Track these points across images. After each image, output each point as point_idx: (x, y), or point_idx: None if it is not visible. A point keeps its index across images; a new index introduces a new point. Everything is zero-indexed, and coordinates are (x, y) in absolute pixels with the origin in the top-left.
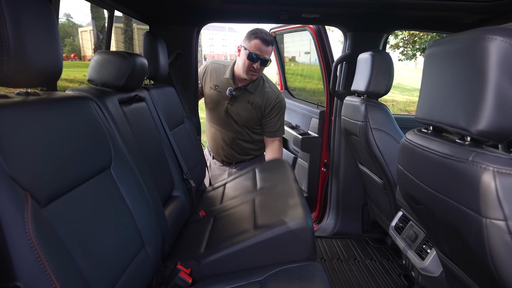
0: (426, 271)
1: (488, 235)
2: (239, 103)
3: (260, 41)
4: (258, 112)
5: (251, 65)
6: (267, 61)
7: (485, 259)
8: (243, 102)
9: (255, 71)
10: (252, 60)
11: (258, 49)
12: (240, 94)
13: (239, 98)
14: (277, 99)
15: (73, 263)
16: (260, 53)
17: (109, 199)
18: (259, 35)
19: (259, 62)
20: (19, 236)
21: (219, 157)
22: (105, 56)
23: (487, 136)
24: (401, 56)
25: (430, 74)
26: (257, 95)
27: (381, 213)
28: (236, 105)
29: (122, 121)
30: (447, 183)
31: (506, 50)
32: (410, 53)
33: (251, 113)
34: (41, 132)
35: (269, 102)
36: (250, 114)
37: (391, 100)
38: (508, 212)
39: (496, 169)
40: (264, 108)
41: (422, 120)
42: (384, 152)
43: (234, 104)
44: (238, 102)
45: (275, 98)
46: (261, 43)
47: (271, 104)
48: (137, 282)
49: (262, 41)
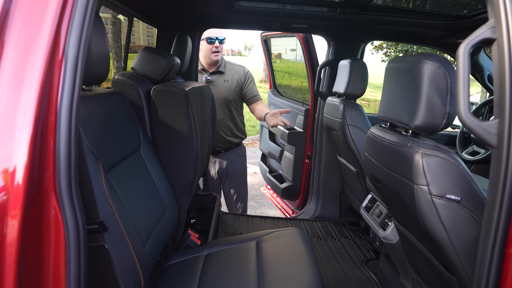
0: (387, 239)
1: (417, 196)
2: (217, 85)
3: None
4: (237, 86)
5: (212, 47)
6: (223, 38)
7: (416, 214)
8: (220, 83)
9: (217, 50)
10: (212, 42)
11: (211, 33)
12: (215, 78)
13: (216, 82)
14: (245, 70)
15: (126, 213)
16: (214, 35)
17: (140, 174)
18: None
19: (217, 41)
20: (99, 189)
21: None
22: (148, 54)
23: (421, 130)
24: (384, 57)
25: (387, 84)
26: (228, 73)
27: (355, 197)
28: (214, 89)
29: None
30: (394, 162)
31: (434, 71)
32: (393, 55)
33: (229, 89)
34: (99, 118)
35: (241, 74)
36: (229, 90)
37: (373, 100)
38: (430, 180)
39: (423, 152)
40: (240, 80)
41: (382, 118)
42: (358, 144)
43: (213, 88)
44: (215, 85)
45: (244, 70)
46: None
47: (244, 75)
48: (162, 237)
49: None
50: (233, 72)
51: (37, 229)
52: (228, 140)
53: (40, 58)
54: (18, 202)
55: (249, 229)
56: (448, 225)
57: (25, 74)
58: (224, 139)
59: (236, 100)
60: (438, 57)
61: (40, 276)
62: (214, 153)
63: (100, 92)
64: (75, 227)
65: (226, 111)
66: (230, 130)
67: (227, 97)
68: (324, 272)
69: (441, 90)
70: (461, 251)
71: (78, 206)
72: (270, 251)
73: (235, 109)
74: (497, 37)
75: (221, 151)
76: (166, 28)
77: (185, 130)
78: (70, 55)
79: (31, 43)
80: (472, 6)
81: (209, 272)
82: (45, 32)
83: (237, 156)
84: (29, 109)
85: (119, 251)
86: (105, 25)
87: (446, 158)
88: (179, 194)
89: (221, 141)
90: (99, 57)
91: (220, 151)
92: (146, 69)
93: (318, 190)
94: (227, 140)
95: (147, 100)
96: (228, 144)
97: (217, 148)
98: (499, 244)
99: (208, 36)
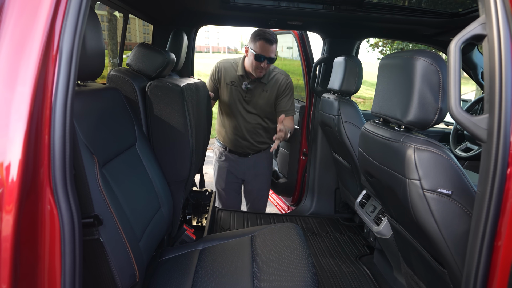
0: (381, 234)
1: (409, 190)
2: (255, 94)
3: (264, 41)
4: (273, 96)
5: (258, 65)
6: (273, 59)
7: (408, 208)
8: (259, 93)
9: (262, 69)
10: (259, 60)
11: (263, 49)
12: (255, 86)
13: (255, 90)
14: (286, 80)
15: (121, 207)
16: (266, 53)
17: (135, 169)
18: (262, 36)
19: (266, 61)
20: (94, 184)
21: (236, 149)
22: (144, 50)
23: (413, 125)
24: (380, 55)
25: (381, 80)
26: (269, 83)
27: (350, 193)
28: (252, 97)
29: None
30: (387, 157)
31: (426, 67)
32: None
33: (267, 100)
34: (94, 113)
35: (281, 84)
36: (267, 101)
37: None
38: (421, 174)
39: (415, 146)
40: (277, 90)
41: (375, 114)
42: (352, 140)
43: (251, 96)
44: (254, 93)
45: (285, 80)
46: (265, 43)
47: (282, 86)
48: (157, 232)
49: (266, 41)
50: (274, 81)
51: (32, 224)
52: (258, 147)
53: (35, 53)
54: (12, 197)
55: (244, 225)
56: (439, 219)
57: (19, 69)
58: (253, 145)
59: (273, 111)
60: (430, 53)
61: (35, 270)
62: (242, 155)
63: (95, 88)
64: (70, 220)
65: (259, 119)
66: (261, 137)
67: (264, 108)
68: (319, 267)
69: (433, 86)
70: (451, 244)
71: (73, 200)
72: (265, 246)
73: (270, 120)
74: (488, 33)
75: (249, 153)
76: (161, 24)
77: (180, 125)
78: (64, 50)
79: (25, 38)
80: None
81: (204, 267)
82: (39, 27)
83: (264, 159)
84: (24, 104)
85: (114, 245)
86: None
87: (437, 153)
88: (175, 189)
89: (250, 147)
90: (94, 53)
91: (248, 154)
92: (142, 65)
93: (313, 187)
94: (256, 147)
95: (142, 96)
96: (257, 149)
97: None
98: (488, 237)
99: (260, 52)
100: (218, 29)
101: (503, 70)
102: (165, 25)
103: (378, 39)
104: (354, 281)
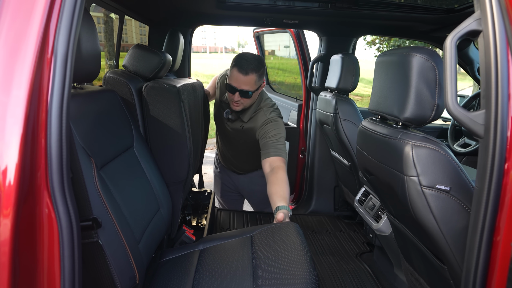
0: (380, 231)
1: (408, 187)
2: (235, 126)
3: (237, 70)
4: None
5: (231, 97)
6: (247, 92)
7: (407, 205)
8: (237, 126)
9: (237, 102)
10: (231, 92)
11: (235, 79)
12: (236, 118)
13: (235, 122)
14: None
15: (120, 209)
16: (237, 84)
17: (134, 171)
18: (237, 63)
19: (238, 94)
20: (92, 186)
21: (229, 166)
22: (140, 51)
23: (411, 122)
24: (377, 52)
25: (378, 77)
26: (249, 122)
27: (349, 191)
28: (233, 127)
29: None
30: (385, 154)
31: (423, 63)
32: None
33: (246, 136)
34: (91, 116)
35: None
36: (246, 136)
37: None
38: (420, 171)
39: (413, 143)
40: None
41: (373, 111)
42: (350, 138)
43: (232, 126)
44: (234, 125)
45: (265, 118)
46: (238, 73)
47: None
48: (157, 234)
49: (239, 69)
50: (253, 120)
51: (30, 227)
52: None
53: (29, 56)
54: (10, 201)
55: (244, 224)
56: (438, 215)
57: (14, 72)
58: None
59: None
60: (426, 49)
61: (34, 274)
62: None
63: (91, 90)
64: (68, 224)
65: (244, 148)
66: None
67: (247, 142)
68: (319, 265)
69: (429, 82)
70: (451, 240)
71: (71, 203)
72: (265, 245)
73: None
74: (483, 29)
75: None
76: (157, 25)
77: (177, 126)
78: (59, 52)
79: (19, 41)
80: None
81: (204, 267)
82: (33, 30)
83: (260, 177)
84: (19, 108)
85: (114, 247)
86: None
87: (435, 149)
88: (173, 190)
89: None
90: (90, 55)
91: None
92: (138, 67)
93: (312, 185)
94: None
95: (139, 97)
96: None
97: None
98: (487, 232)
99: (231, 82)
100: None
101: (499, 65)
102: (161, 26)
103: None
104: (354, 278)
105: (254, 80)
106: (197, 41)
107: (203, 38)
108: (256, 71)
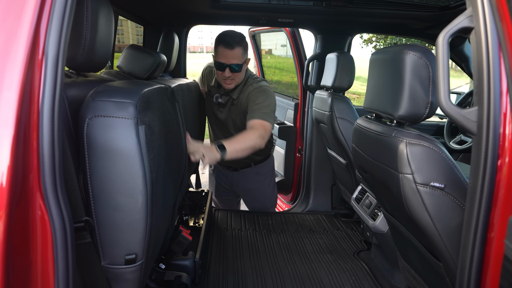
0: (377, 229)
1: (402, 185)
2: (228, 108)
3: (223, 46)
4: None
5: (221, 75)
6: (236, 66)
7: (402, 203)
8: (229, 107)
9: (228, 79)
10: (221, 69)
11: (223, 56)
12: (227, 100)
13: (227, 104)
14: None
15: None
16: (226, 60)
17: None
18: (221, 40)
19: (228, 69)
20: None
21: (223, 163)
22: (134, 52)
23: (405, 119)
24: (373, 50)
25: (372, 75)
26: (239, 97)
27: (346, 189)
28: (225, 111)
29: None
30: (379, 152)
31: (416, 61)
32: None
33: (239, 114)
34: None
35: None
36: (239, 116)
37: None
38: (414, 169)
39: (407, 141)
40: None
41: (368, 109)
42: (346, 136)
43: (224, 110)
44: (226, 107)
45: (252, 88)
46: (224, 48)
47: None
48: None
49: (225, 45)
50: (244, 94)
51: (23, 230)
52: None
53: (20, 57)
54: (2, 203)
55: (242, 224)
56: (433, 212)
57: (4, 74)
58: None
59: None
60: (420, 47)
61: (28, 276)
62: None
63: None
64: (61, 225)
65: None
66: None
67: (238, 124)
68: (317, 264)
69: (423, 80)
70: (446, 237)
71: (64, 205)
72: None
73: None
74: (475, 26)
75: (237, 169)
76: (152, 25)
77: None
78: (50, 53)
79: (10, 43)
80: None
81: None
82: (23, 31)
83: (254, 174)
84: (10, 110)
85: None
86: None
87: (429, 147)
88: None
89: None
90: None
91: (236, 169)
92: (132, 67)
93: (309, 184)
94: (241, 161)
95: None
96: (243, 164)
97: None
98: (481, 229)
99: (219, 59)
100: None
101: (491, 62)
102: (155, 26)
103: (372, 35)
104: (352, 276)
105: (240, 53)
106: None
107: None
108: (241, 44)
